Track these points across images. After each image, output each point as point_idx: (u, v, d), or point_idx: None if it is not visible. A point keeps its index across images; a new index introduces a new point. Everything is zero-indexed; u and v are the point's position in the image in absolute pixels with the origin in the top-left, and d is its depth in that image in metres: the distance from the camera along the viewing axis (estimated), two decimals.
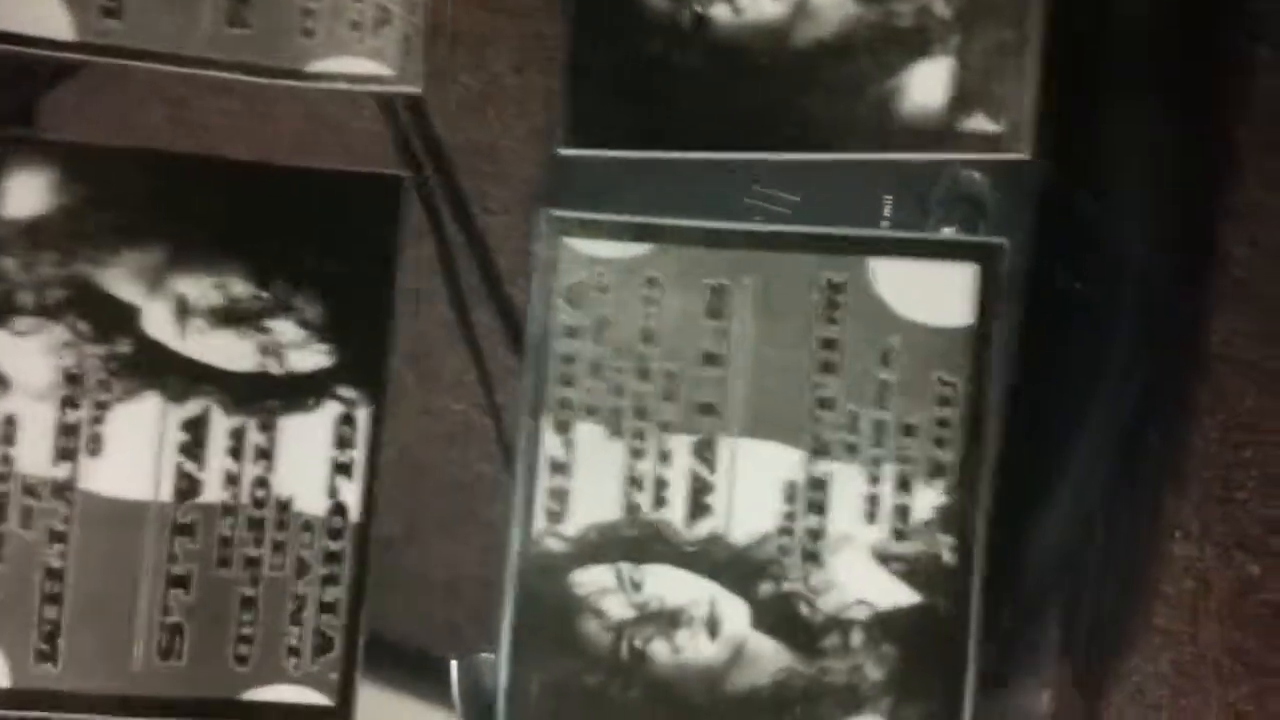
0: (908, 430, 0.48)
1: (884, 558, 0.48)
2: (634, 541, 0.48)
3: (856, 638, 0.48)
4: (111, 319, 0.47)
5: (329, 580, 0.48)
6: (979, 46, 0.47)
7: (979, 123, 0.47)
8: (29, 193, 0.47)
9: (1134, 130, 0.54)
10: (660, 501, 0.48)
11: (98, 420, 0.47)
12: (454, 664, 0.57)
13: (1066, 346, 0.53)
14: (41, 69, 0.51)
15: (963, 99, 0.47)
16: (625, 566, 0.48)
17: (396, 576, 0.52)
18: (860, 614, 0.48)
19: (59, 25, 0.48)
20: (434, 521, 0.56)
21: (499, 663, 0.48)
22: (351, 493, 0.48)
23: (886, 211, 0.49)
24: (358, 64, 0.49)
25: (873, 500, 0.48)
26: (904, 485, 0.48)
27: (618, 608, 0.48)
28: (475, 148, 0.53)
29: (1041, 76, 0.46)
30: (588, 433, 0.48)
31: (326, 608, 0.48)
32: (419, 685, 0.62)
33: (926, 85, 0.47)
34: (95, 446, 0.47)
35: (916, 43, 0.47)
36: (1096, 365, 0.54)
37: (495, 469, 0.60)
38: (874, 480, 0.48)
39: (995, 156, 0.47)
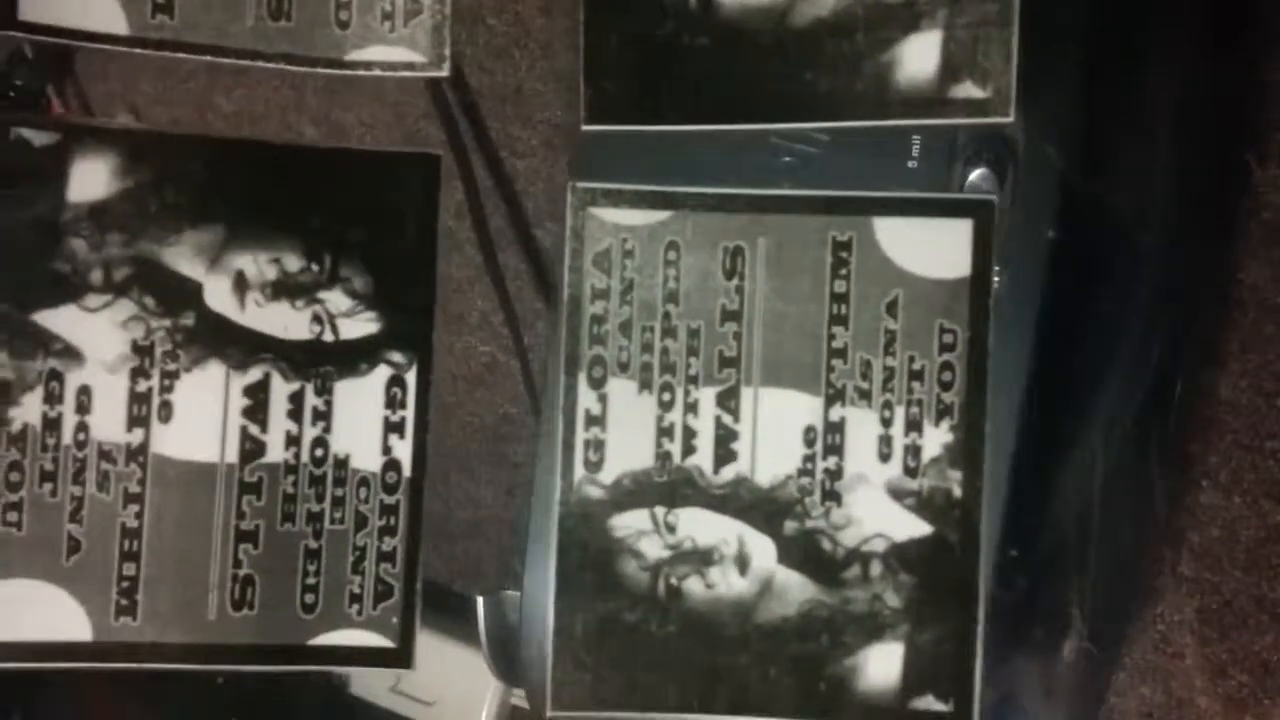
0: (915, 375, 0.52)
1: (898, 494, 0.52)
2: (666, 487, 0.52)
3: (875, 569, 0.52)
4: (176, 294, 0.51)
5: (386, 531, 0.52)
6: (965, 20, 0.51)
7: (967, 90, 0.51)
8: (93, 178, 0.51)
9: (1167, 73, 0.55)
10: (689, 449, 0.52)
11: (166, 389, 0.51)
12: (479, 600, 0.61)
13: (1097, 294, 0.55)
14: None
15: (951, 69, 0.51)
16: (659, 510, 0.52)
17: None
18: (878, 547, 0.52)
19: (114, 21, 0.51)
20: (459, 461, 0.59)
21: (547, 604, 0.52)
22: (404, 449, 0.52)
23: (914, 151, 0.53)
24: (391, 52, 0.53)
25: (885, 441, 0.52)
26: (914, 426, 0.52)
27: (654, 548, 0.52)
28: (502, 91, 0.55)
29: (1028, 44, 0.50)
30: (620, 387, 0.52)
31: (385, 557, 0.52)
32: (444, 621, 0.65)
33: (918, 57, 0.51)
34: (165, 413, 0.51)
35: (908, 18, 0.51)
36: (1126, 312, 0.55)
37: (521, 410, 0.61)
38: (886, 422, 0.52)
39: (982, 121, 0.51)
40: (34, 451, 0.50)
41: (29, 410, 0.50)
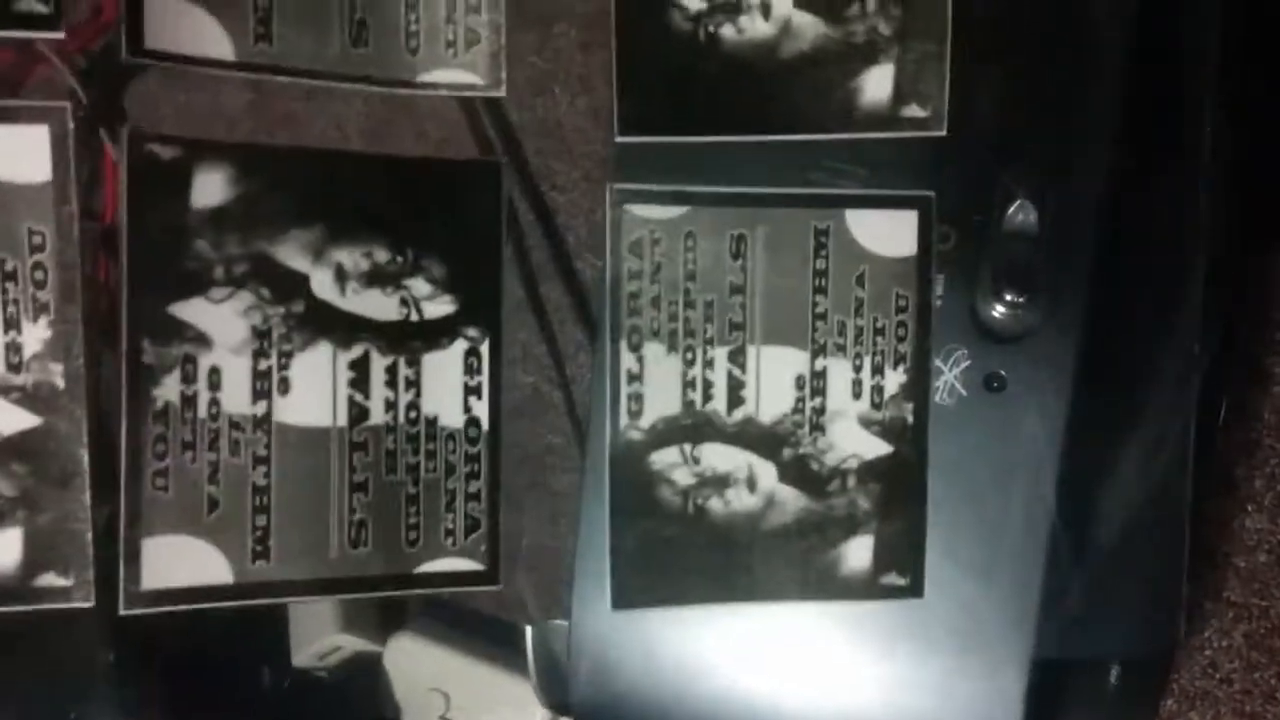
0: (878, 331, 0.67)
1: (867, 423, 0.67)
2: (691, 428, 0.65)
3: (851, 481, 0.67)
4: (287, 285, 0.60)
5: (471, 476, 0.63)
6: (912, 56, 0.66)
7: (912, 110, 0.66)
8: (213, 187, 0.58)
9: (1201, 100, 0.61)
10: (708, 397, 0.66)
11: (284, 366, 0.60)
12: (528, 630, 0.65)
13: (1135, 323, 0.59)
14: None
15: (901, 93, 0.66)
16: (687, 447, 0.65)
17: None
18: (853, 465, 0.67)
19: (223, 49, 0.59)
20: (505, 491, 0.61)
21: (603, 525, 0.64)
22: (482, 409, 0.63)
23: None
24: (454, 75, 0.63)
25: (857, 384, 0.67)
26: (878, 371, 0.67)
27: (683, 477, 0.65)
28: (542, 127, 0.61)
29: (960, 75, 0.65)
30: (653, 350, 0.65)
31: (471, 497, 0.63)
32: (493, 650, 0.70)
33: (876, 84, 0.66)
34: (284, 387, 0.60)
35: (868, 53, 0.66)
36: (1166, 339, 0.58)
37: (565, 440, 0.66)
38: (857, 369, 0.67)
39: (922, 134, 0.66)
40: (175, 425, 0.58)
41: (169, 390, 0.58)
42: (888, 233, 0.67)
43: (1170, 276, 0.60)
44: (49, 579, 0.56)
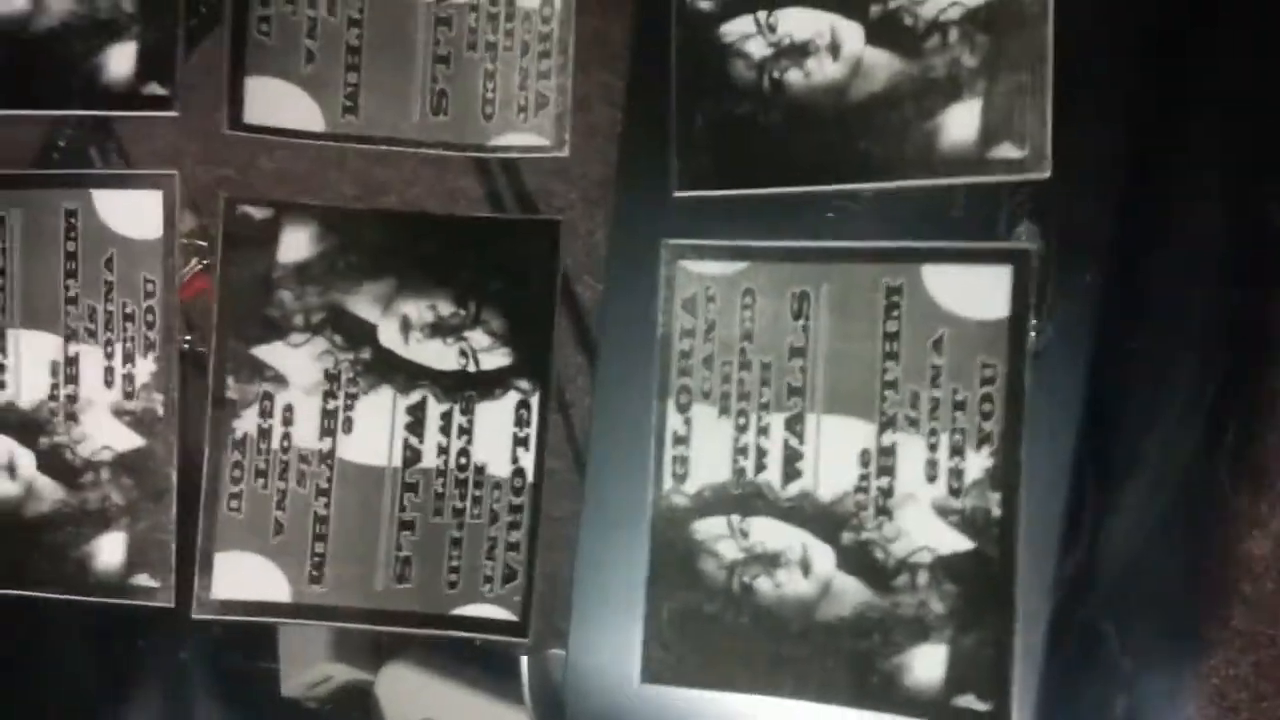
0: (958, 405, 0.58)
1: (943, 511, 0.58)
2: (741, 498, 0.61)
3: (922, 578, 0.58)
4: (357, 333, 0.65)
5: (513, 526, 0.63)
6: (1002, 88, 0.57)
7: (1006, 150, 0.57)
8: (298, 243, 0.65)
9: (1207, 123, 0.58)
10: (761, 466, 0.61)
11: (349, 408, 0.65)
12: (524, 660, 0.65)
13: (1143, 343, 0.58)
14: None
15: (991, 132, 0.57)
16: (735, 518, 0.61)
17: None
18: (925, 558, 0.58)
19: (314, 121, 0.66)
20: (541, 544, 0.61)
21: (638, 596, 0.61)
22: (528, 460, 0.64)
23: (960, 202, 0.58)
24: (524, 138, 0.65)
25: (932, 464, 0.58)
26: (957, 451, 0.58)
27: (730, 550, 0.61)
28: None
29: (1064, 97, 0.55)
30: (702, 412, 0.61)
31: (511, 547, 0.63)
32: (488, 679, 0.70)
33: (960, 123, 0.57)
34: (348, 426, 0.65)
35: (950, 89, 0.57)
36: (1174, 361, 0.57)
37: (564, 464, 0.65)
38: (932, 447, 0.58)
39: (1020, 178, 0.56)
40: (251, 454, 0.65)
41: (248, 422, 0.65)
42: (973, 291, 0.58)
43: (1179, 298, 0.56)
44: (143, 579, 0.65)
